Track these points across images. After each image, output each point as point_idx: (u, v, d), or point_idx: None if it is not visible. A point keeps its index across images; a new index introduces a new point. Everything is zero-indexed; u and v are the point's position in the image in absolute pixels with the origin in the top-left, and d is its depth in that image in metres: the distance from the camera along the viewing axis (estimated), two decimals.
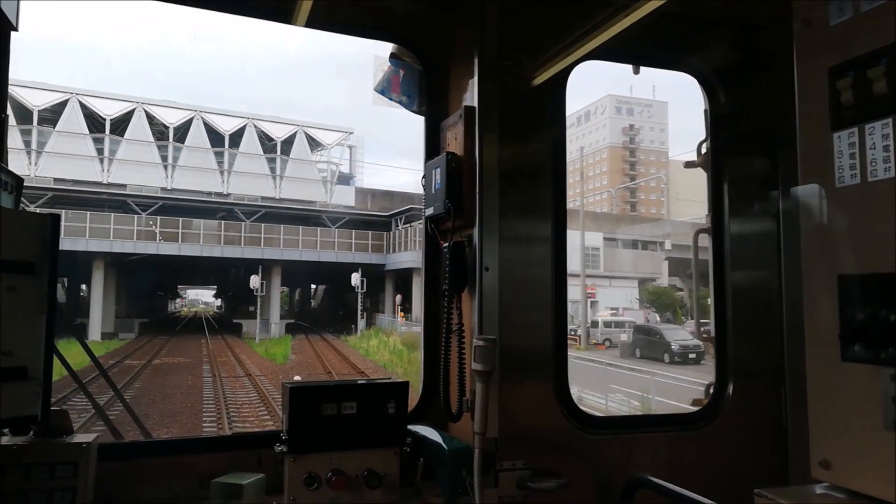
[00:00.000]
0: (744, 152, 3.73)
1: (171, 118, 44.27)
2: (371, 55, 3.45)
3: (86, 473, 2.31)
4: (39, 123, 40.88)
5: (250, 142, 45.23)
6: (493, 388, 2.76)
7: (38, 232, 2.14)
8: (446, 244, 3.05)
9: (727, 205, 3.65)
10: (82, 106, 41.62)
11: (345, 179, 49.61)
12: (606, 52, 3.50)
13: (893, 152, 1.56)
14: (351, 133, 50.79)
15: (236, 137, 45.10)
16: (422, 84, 3.49)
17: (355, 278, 40.23)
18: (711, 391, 3.65)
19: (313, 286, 54.19)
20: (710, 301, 3.71)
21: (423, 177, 3.27)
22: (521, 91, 3.26)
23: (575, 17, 3.25)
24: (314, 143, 48.51)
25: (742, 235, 3.66)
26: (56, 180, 39.19)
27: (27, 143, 40.25)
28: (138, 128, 43.17)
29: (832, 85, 1.70)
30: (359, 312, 41.44)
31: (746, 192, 3.69)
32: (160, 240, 37.69)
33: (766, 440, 3.55)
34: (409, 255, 40.27)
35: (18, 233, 2.10)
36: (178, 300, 67.36)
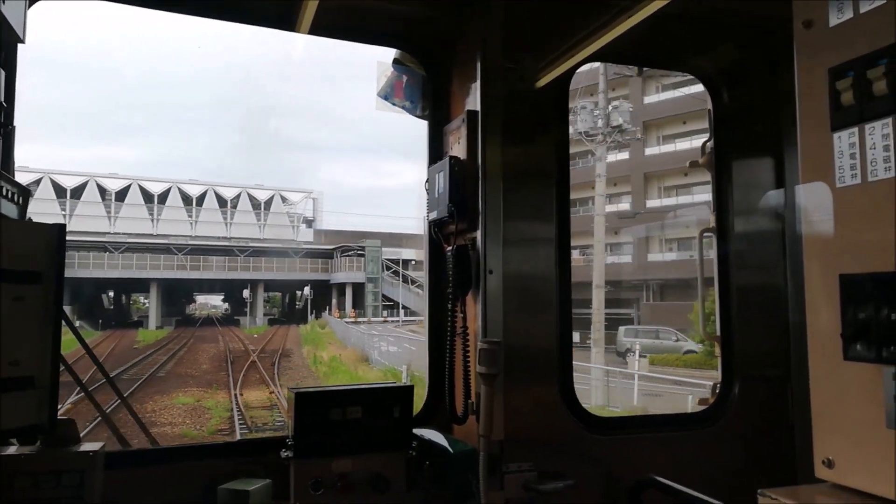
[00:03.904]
0: (748, 153, 3.71)
1: (194, 191, 68.52)
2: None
3: (92, 482, 2.32)
4: (113, 199, 65.87)
5: (244, 203, 71.04)
6: (498, 390, 2.75)
7: (45, 242, 2.15)
8: (450, 248, 3.05)
9: (732, 205, 3.64)
10: (140, 188, 65.70)
11: (308, 223, 75.29)
12: (610, 54, 3.50)
13: (893, 152, 1.55)
14: (311, 192, 77.49)
15: (235, 200, 71.06)
16: (425, 89, 3.49)
17: (306, 290, 65.47)
18: (717, 391, 3.64)
19: (298, 292, 74.54)
20: (716, 302, 3.70)
21: (427, 181, 3.27)
22: (524, 93, 3.26)
23: (578, 19, 3.25)
24: (284, 200, 74.29)
25: (747, 235, 3.65)
26: (125, 234, 62.67)
27: (108, 212, 64.18)
28: (174, 198, 67.41)
29: (832, 85, 1.69)
30: (308, 310, 64.97)
31: (751, 193, 3.68)
32: (189, 269, 61.54)
33: (773, 440, 3.54)
34: (344, 275, 63.96)
35: (24, 243, 2.11)
36: (192, 304, 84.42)
